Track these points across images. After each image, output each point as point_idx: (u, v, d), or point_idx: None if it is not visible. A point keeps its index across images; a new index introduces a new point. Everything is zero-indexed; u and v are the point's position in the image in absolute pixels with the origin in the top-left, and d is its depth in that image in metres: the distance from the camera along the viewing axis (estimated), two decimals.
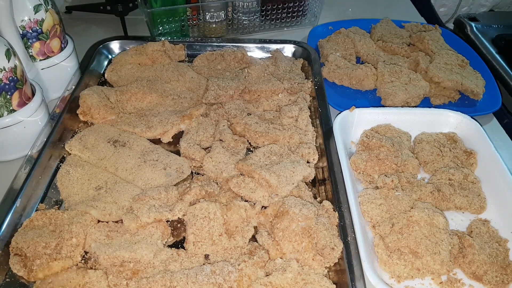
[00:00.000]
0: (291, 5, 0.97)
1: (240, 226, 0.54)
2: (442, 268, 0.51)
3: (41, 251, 0.49)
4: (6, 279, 0.50)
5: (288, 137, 0.66)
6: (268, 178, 0.57)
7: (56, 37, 0.74)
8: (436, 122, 0.71)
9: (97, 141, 0.65)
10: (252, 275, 0.49)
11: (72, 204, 0.57)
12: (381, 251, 0.52)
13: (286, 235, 0.52)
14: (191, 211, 0.54)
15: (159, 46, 0.83)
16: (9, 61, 0.60)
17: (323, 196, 0.61)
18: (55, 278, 0.48)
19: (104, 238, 0.52)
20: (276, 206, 0.57)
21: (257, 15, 0.96)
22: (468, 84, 0.79)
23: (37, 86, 0.69)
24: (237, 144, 0.66)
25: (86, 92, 0.71)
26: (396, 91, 0.76)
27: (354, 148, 0.70)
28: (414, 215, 0.55)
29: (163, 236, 0.54)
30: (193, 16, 0.93)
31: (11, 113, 0.63)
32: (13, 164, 0.64)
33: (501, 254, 0.54)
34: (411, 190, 0.60)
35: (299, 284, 0.47)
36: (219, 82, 0.75)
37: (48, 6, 0.72)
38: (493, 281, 0.51)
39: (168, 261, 0.51)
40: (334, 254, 0.51)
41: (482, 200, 0.60)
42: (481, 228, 0.57)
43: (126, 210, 0.56)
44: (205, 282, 0.47)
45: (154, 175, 0.61)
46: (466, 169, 0.64)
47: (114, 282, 0.48)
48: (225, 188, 0.60)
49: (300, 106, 0.71)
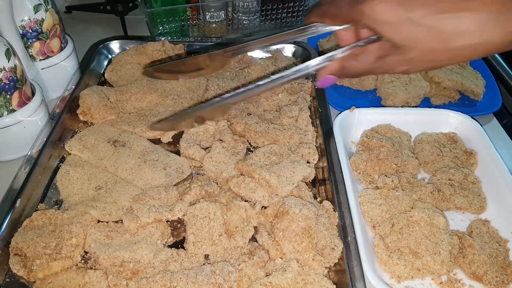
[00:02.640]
0: (291, 5, 0.97)
1: (240, 226, 0.54)
2: (442, 268, 0.51)
3: (41, 251, 0.49)
4: (6, 279, 0.50)
5: (288, 137, 0.66)
6: (268, 178, 0.57)
7: (56, 37, 0.74)
8: (436, 122, 0.71)
9: (97, 141, 0.65)
10: (252, 275, 0.49)
11: (72, 204, 0.57)
12: (381, 251, 0.52)
13: (286, 235, 0.52)
14: (191, 211, 0.54)
15: (159, 46, 0.83)
16: (9, 61, 0.60)
17: (323, 196, 0.61)
18: (55, 278, 0.48)
19: (104, 238, 0.52)
20: (276, 206, 0.57)
21: (257, 15, 0.96)
22: (468, 84, 0.79)
23: (37, 86, 0.69)
24: (237, 144, 0.66)
25: (86, 92, 0.71)
26: (396, 91, 0.76)
27: (354, 148, 0.70)
28: (414, 215, 0.55)
29: (163, 236, 0.54)
30: (193, 16, 0.93)
31: (11, 113, 0.63)
32: (13, 164, 0.64)
33: (501, 254, 0.54)
34: (411, 190, 0.60)
35: (299, 284, 0.47)
36: (219, 82, 0.75)
37: (48, 6, 0.72)
38: (493, 281, 0.51)
39: (168, 261, 0.51)
40: (334, 254, 0.51)
41: (482, 200, 0.60)
42: (481, 228, 0.57)
43: (126, 210, 0.56)
44: (205, 282, 0.47)
45: (154, 175, 0.61)
46: (466, 169, 0.64)
47: (114, 282, 0.48)
48: (225, 188, 0.60)
49: (300, 106, 0.71)
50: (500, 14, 0.35)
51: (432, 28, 0.37)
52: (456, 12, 0.35)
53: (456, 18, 0.36)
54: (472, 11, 0.35)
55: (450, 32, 0.36)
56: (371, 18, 0.40)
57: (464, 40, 0.36)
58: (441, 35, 0.37)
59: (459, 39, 0.36)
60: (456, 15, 0.35)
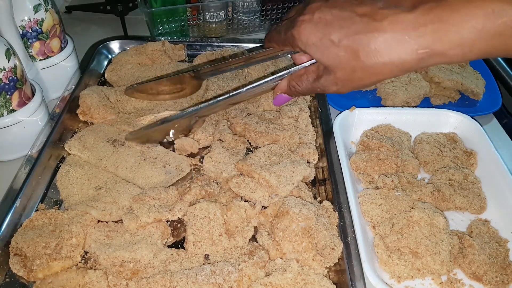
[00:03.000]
0: (291, 5, 0.97)
1: (240, 226, 0.54)
2: (442, 268, 0.51)
3: (41, 251, 0.49)
4: (6, 279, 0.50)
5: (288, 137, 0.66)
6: (268, 178, 0.57)
7: (56, 37, 0.74)
8: (436, 122, 0.71)
9: (97, 141, 0.65)
10: (252, 275, 0.49)
11: (72, 204, 0.57)
12: (381, 251, 0.52)
13: (286, 235, 0.52)
14: (191, 211, 0.54)
15: (159, 46, 0.83)
16: (9, 61, 0.60)
17: (323, 196, 0.61)
18: (55, 278, 0.48)
19: (104, 238, 0.52)
20: (276, 206, 0.57)
21: (257, 15, 0.96)
22: (468, 84, 0.79)
23: (37, 86, 0.69)
24: (237, 144, 0.66)
25: (86, 92, 0.71)
26: (396, 91, 0.76)
27: (354, 148, 0.70)
28: (414, 215, 0.55)
29: (163, 236, 0.54)
30: (193, 16, 0.93)
31: (11, 113, 0.63)
32: (13, 164, 0.64)
33: (501, 254, 0.54)
34: (411, 190, 0.60)
35: (299, 284, 0.47)
36: (219, 82, 0.75)
37: (48, 6, 0.72)
38: (493, 281, 0.51)
39: (168, 261, 0.51)
40: (334, 254, 0.51)
41: (482, 200, 0.60)
42: (481, 228, 0.57)
43: (126, 210, 0.56)
44: (205, 282, 0.47)
45: (154, 173, 0.61)
46: (466, 169, 0.64)
47: (114, 282, 0.48)
48: (225, 188, 0.60)
49: (300, 106, 0.71)
50: (405, 33, 0.37)
51: (349, 48, 0.39)
52: (367, 33, 0.38)
53: (367, 38, 0.38)
54: (381, 32, 0.37)
55: (364, 52, 0.39)
56: (301, 42, 0.43)
57: (377, 59, 0.38)
58: (357, 54, 0.39)
59: (372, 58, 0.39)
60: (367, 35, 0.38)
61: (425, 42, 0.36)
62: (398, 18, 0.37)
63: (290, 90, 0.49)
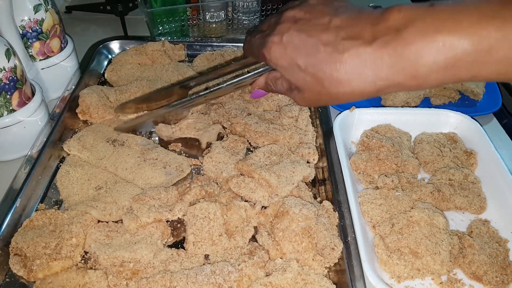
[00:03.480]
0: None
1: (240, 226, 0.54)
2: (442, 268, 0.51)
3: (41, 251, 0.49)
4: (6, 279, 0.50)
5: (288, 137, 0.66)
6: (268, 178, 0.57)
7: (56, 37, 0.74)
8: (436, 122, 0.71)
9: (96, 141, 0.65)
10: (252, 275, 0.49)
11: (72, 204, 0.57)
12: (381, 251, 0.52)
13: (286, 235, 0.52)
14: (191, 211, 0.54)
15: (159, 46, 0.83)
16: (9, 61, 0.60)
17: (323, 196, 0.61)
18: (55, 278, 0.48)
19: (104, 238, 0.52)
20: (276, 206, 0.57)
21: (257, 15, 0.96)
22: (468, 84, 0.79)
23: (37, 86, 0.69)
24: (237, 144, 0.66)
25: (85, 91, 0.71)
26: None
27: (354, 148, 0.70)
28: (414, 215, 0.55)
29: (163, 236, 0.54)
30: (193, 16, 0.93)
31: (11, 113, 0.63)
32: (13, 164, 0.64)
33: (501, 254, 0.54)
34: (411, 190, 0.60)
35: (299, 284, 0.47)
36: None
37: (48, 6, 0.72)
38: (493, 281, 0.51)
39: (168, 261, 0.51)
40: (334, 254, 0.51)
41: (482, 200, 0.60)
42: (481, 228, 0.57)
43: (126, 210, 0.56)
44: (205, 282, 0.47)
45: (154, 173, 0.61)
46: (466, 169, 0.64)
47: (114, 282, 0.48)
48: (225, 188, 0.60)
49: (300, 106, 0.71)
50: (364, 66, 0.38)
51: (314, 75, 0.41)
52: (331, 64, 0.40)
53: (330, 69, 0.40)
54: (342, 63, 0.39)
55: (327, 81, 0.41)
56: (272, 63, 0.45)
57: (339, 88, 0.40)
58: (321, 82, 0.41)
59: (335, 87, 0.41)
60: (330, 66, 0.40)
61: (382, 74, 0.38)
62: (358, 51, 0.38)
63: (267, 87, 0.51)
